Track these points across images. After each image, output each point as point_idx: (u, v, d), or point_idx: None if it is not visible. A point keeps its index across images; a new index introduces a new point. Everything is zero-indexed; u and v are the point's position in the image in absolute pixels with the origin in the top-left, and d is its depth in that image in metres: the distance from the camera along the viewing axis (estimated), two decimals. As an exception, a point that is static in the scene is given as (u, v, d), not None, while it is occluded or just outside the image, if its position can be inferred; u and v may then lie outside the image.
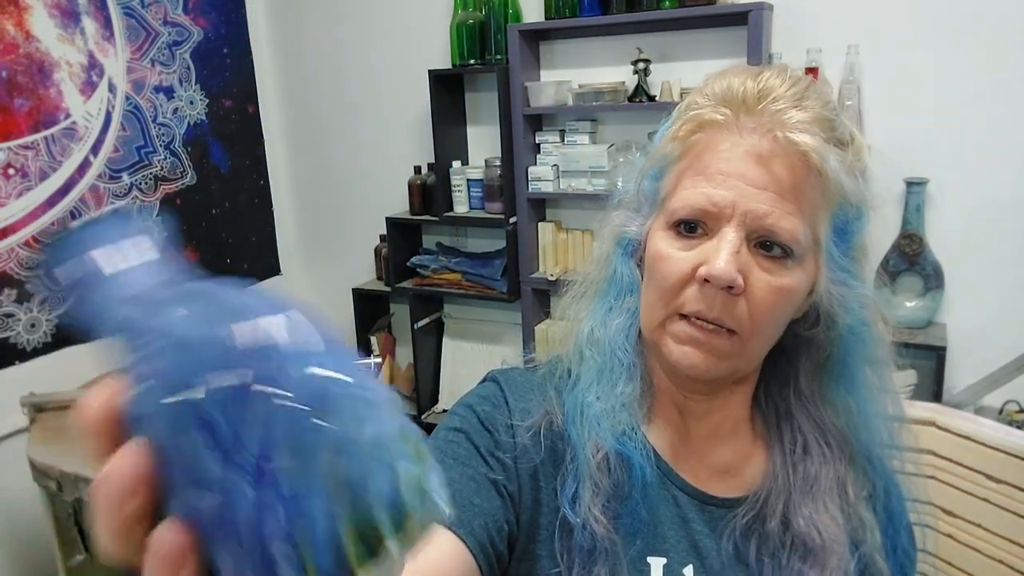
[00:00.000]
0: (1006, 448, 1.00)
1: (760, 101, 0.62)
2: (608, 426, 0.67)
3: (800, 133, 0.60)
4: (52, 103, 2.34)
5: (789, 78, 0.64)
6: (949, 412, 1.08)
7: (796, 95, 0.62)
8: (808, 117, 0.61)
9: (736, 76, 0.65)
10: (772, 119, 0.61)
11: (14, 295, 2.25)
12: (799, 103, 0.62)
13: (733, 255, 0.60)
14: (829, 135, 0.62)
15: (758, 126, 0.61)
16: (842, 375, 0.68)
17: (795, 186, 0.60)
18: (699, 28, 2.34)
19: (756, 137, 0.61)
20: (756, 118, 0.61)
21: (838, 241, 0.64)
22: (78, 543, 1.62)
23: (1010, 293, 2.12)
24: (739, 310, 0.61)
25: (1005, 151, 2.06)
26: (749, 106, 0.62)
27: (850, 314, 0.65)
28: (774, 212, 0.60)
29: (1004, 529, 1.00)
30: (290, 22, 3.08)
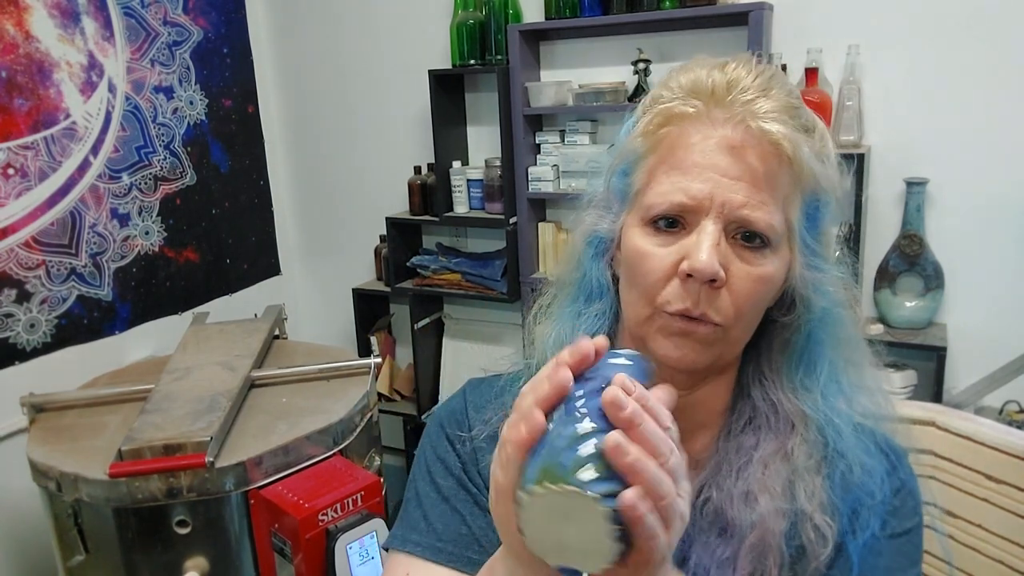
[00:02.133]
0: (1006, 448, 1.00)
1: (729, 92, 0.62)
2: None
3: (771, 122, 0.60)
4: (52, 103, 2.33)
5: (755, 68, 0.64)
6: (949, 412, 1.08)
7: (763, 84, 0.62)
8: (776, 106, 0.61)
9: (702, 68, 0.65)
10: (743, 109, 0.61)
11: (14, 295, 2.25)
12: (766, 92, 0.62)
13: (714, 248, 0.60)
14: (797, 122, 0.62)
15: (729, 116, 0.61)
16: (805, 354, 0.68)
17: (768, 175, 0.61)
18: (699, 28, 2.34)
19: (728, 128, 0.61)
20: (726, 109, 0.61)
21: (809, 227, 0.65)
22: (78, 543, 1.62)
23: (1010, 293, 2.12)
24: (722, 302, 0.62)
25: (1005, 151, 2.06)
26: (718, 97, 0.62)
27: (824, 297, 0.66)
28: (750, 202, 0.60)
29: (1004, 529, 1.00)
30: (290, 22, 3.07)
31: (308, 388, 1.88)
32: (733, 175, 0.60)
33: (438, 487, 0.75)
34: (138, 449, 1.53)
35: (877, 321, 2.22)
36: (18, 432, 2.14)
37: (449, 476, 0.75)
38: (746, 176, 0.60)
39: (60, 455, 1.62)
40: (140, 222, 2.62)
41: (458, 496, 0.74)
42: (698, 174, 0.61)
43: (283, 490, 1.57)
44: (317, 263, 3.30)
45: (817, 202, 0.65)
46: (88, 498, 1.56)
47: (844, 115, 2.14)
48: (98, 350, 2.47)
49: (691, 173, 0.61)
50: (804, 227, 0.65)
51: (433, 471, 0.77)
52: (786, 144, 0.60)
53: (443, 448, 0.77)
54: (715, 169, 0.61)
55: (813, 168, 0.62)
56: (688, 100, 0.63)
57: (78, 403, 1.87)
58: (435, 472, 0.76)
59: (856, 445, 0.67)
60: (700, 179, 0.61)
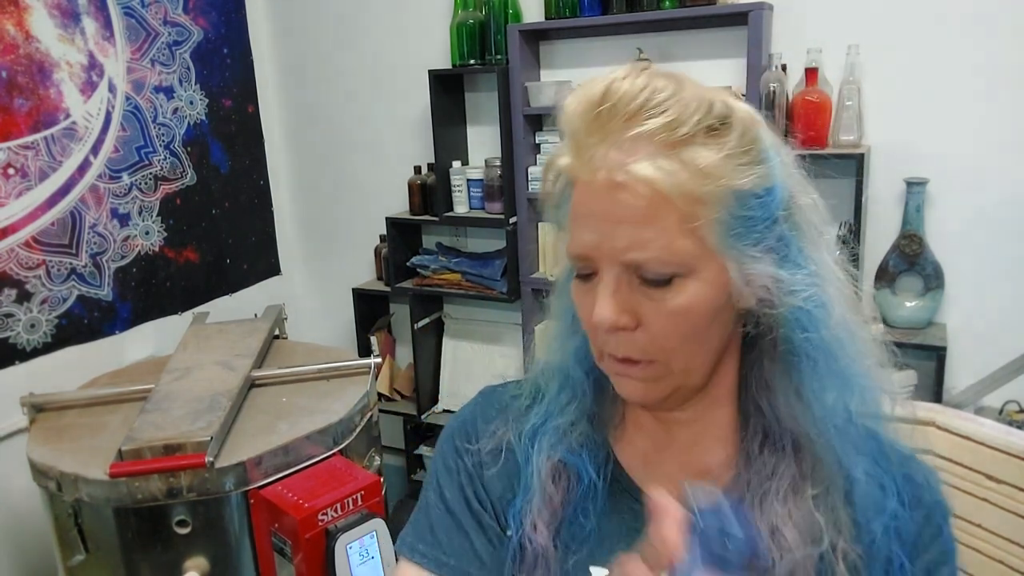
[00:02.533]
0: (1006, 448, 1.00)
1: (602, 126, 0.59)
2: (561, 440, 0.70)
3: (640, 160, 0.56)
4: (52, 103, 2.33)
5: (634, 82, 0.59)
6: (949, 412, 1.08)
7: (638, 106, 0.58)
8: (649, 130, 0.57)
9: (582, 95, 0.61)
10: (613, 152, 0.58)
11: (14, 295, 2.25)
12: (638, 115, 0.58)
13: (610, 298, 0.59)
14: (682, 135, 0.57)
15: (603, 158, 0.58)
16: (789, 362, 0.64)
17: (652, 209, 0.57)
18: (699, 28, 2.34)
19: (603, 171, 0.58)
20: (597, 149, 0.59)
21: (745, 230, 0.59)
22: (78, 543, 1.62)
23: (1010, 293, 2.12)
24: (642, 343, 0.61)
25: (1005, 151, 2.06)
26: (591, 133, 0.59)
27: (792, 296, 0.61)
28: (632, 245, 0.58)
29: (1004, 529, 1.00)
30: (290, 22, 3.07)
31: (308, 388, 1.88)
32: (614, 219, 0.58)
33: (445, 500, 0.76)
34: (138, 449, 1.53)
35: (877, 321, 2.22)
36: (18, 432, 2.14)
37: (456, 490, 0.76)
38: (627, 217, 0.58)
39: (60, 455, 1.62)
40: (140, 222, 2.62)
41: (464, 512, 0.74)
42: (586, 223, 0.60)
43: (283, 490, 1.57)
44: (317, 263, 3.30)
45: (747, 203, 0.59)
46: (88, 498, 1.56)
47: (844, 115, 2.14)
48: (98, 350, 2.47)
49: (583, 223, 0.60)
50: (735, 233, 0.59)
51: (442, 483, 0.77)
52: (659, 183, 0.56)
53: (452, 460, 0.78)
54: (599, 216, 0.59)
55: (715, 181, 0.57)
56: (566, 145, 0.62)
57: (78, 403, 1.87)
58: (443, 484, 0.77)
59: (862, 457, 0.64)
60: (589, 228, 0.60)
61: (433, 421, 2.89)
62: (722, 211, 0.58)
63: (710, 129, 0.58)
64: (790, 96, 2.19)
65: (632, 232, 0.58)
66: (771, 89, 2.14)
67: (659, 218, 0.57)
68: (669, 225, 0.57)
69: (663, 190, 0.56)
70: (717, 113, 0.59)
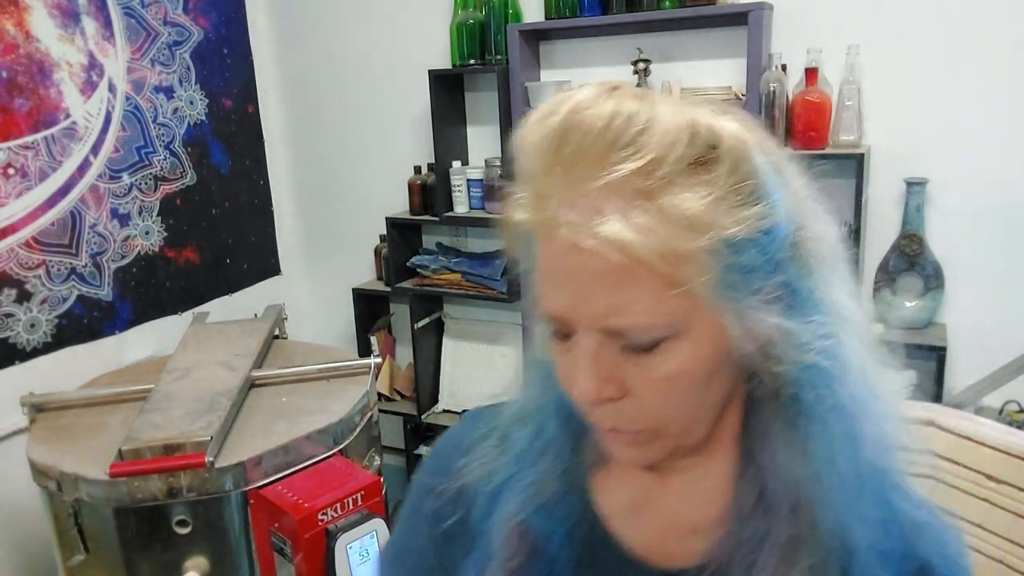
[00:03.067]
0: (1006, 448, 1.00)
1: (564, 171, 0.49)
2: (529, 499, 0.62)
3: (606, 222, 0.47)
4: (52, 103, 2.33)
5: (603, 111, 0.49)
6: (949, 412, 1.08)
7: (607, 144, 0.48)
8: (621, 177, 0.47)
9: (538, 128, 0.51)
10: (576, 203, 0.48)
11: (14, 295, 2.25)
12: (606, 156, 0.48)
13: (591, 368, 0.51)
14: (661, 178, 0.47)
15: (565, 214, 0.49)
16: (800, 423, 0.56)
17: (627, 274, 0.48)
18: (699, 28, 2.34)
19: (566, 230, 0.49)
20: (558, 202, 0.49)
21: (744, 281, 0.50)
22: (78, 543, 1.62)
23: (1010, 293, 2.12)
24: (631, 412, 0.53)
25: (1005, 151, 2.06)
26: (549, 179, 0.50)
27: (806, 350, 0.53)
28: (610, 311, 0.49)
29: (1004, 529, 1.00)
30: (290, 22, 3.07)
31: (308, 388, 1.88)
32: (587, 280, 0.49)
33: (406, 547, 0.71)
34: (138, 449, 1.53)
35: (877, 321, 2.22)
36: (18, 432, 2.14)
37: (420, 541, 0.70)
38: (601, 280, 0.49)
39: (60, 455, 1.62)
40: (140, 222, 2.62)
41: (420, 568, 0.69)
42: (556, 281, 0.51)
43: (283, 490, 1.57)
44: (317, 263, 3.30)
45: (745, 248, 0.49)
46: (88, 498, 1.56)
47: (844, 115, 2.14)
48: (98, 350, 2.47)
49: (551, 280, 0.52)
50: (732, 285, 0.50)
51: (408, 528, 0.72)
52: (634, 247, 0.47)
53: (421, 508, 0.70)
54: (570, 276, 0.50)
55: (703, 233, 0.48)
56: (525, 195, 0.52)
57: (78, 403, 1.87)
58: (409, 531, 0.71)
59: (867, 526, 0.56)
60: (559, 289, 0.51)
61: (433, 421, 2.89)
62: (714, 265, 0.49)
63: (694, 164, 0.48)
64: (790, 96, 2.19)
65: (608, 296, 0.49)
66: (771, 89, 2.14)
67: (638, 280, 0.48)
68: (651, 286, 0.48)
69: (640, 255, 0.47)
70: (702, 142, 0.49)
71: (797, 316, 0.52)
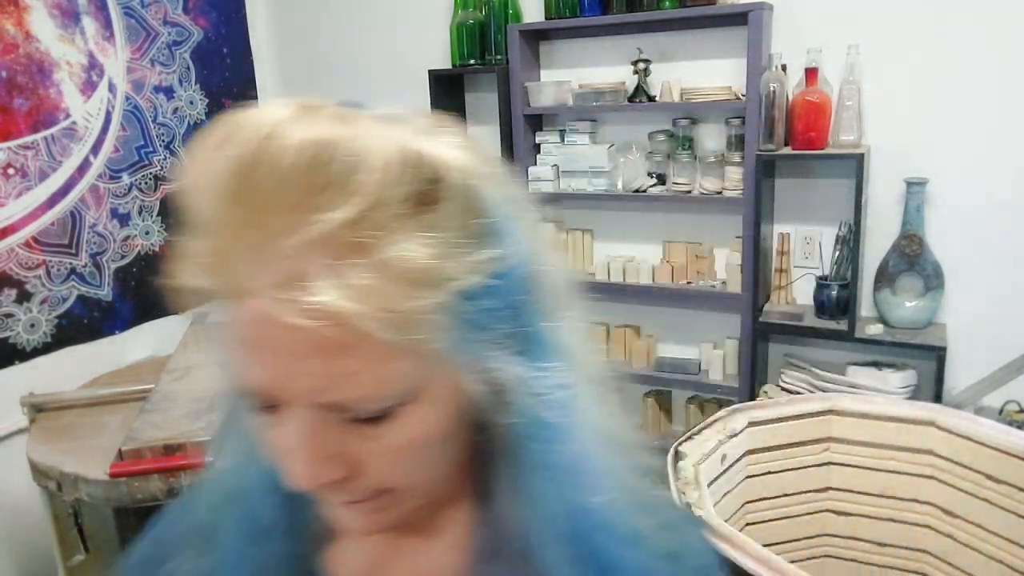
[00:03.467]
0: (1006, 448, 1.00)
1: (253, 223, 0.39)
2: None
3: (313, 290, 0.38)
4: (52, 103, 2.34)
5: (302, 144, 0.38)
6: (949, 412, 1.08)
7: (306, 187, 0.38)
8: (327, 231, 0.38)
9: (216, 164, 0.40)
10: (270, 266, 0.39)
11: (14, 295, 2.25)
12: (305, 203, 0.38)
13: (307, 451, 0.42)
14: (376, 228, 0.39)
15: (259, 280, 0.39)
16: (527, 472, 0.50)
17: (343, 341, 0.39)
18: (699, 28, 2.34)
19: (262, 301, 0.39)
20: (246, 263, 0.39)
21: (479, 331, 0.44)
22: (78, 543, 1.62)
23: (1010, 293, 2.12)
24: (364, 486, 0.45)
25: (1005, 151, 2.06)
26: (234, 232, 0.39)
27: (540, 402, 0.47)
28: (326, 385, 0.41)
29: (1004, 529, 1.00)
30: (290, 22, 3.08)
31: (308, 388, 1.88)
32: (294, 352, 0.40)
33: None
34: (138, 449, 1.53)
35: (877, 321, 2.22)
36: (18, 432, 2.14)
37: None
38: (311, 352, 0.40)
39: (60, 455, 1.62)
40: (140, 222, 2.62)
41: None
42: (255, 354, 0.42)
43: (283, 490, 1.56)
44: (317, 263, 3.30)
45: (479, 295, 0.42)
46: (88, 498, 1.56)
47: (844, 115, 2.14)
48: (98, 350, 2.47)
49: (249, 351, 0.42)
50: (466, 337, 0.43)
51: None
52: (350, 314, 0.38)
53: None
54: (271, 348, 0.41)
55: (431, 289, 0.40)
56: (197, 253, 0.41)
57: (78, 403, 1.87)
58: None
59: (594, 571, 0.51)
60: (258, 360, 0.42)
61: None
62: (448, 320, 0.42)
63: (415, 203, 0.40)
64: (790, 96, 2.19)
65: (323, 369, 0.40)
66: (771, 89, 2.14)
67: (359, 349, 0.40)
68: (375, 353, 0.40)
69: (359, 324, 0.38)
70: (421, 176, 0.41)
71: (535, 363, 0.46)
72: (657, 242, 2.57)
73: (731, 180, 2.29)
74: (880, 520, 1.17)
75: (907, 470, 1.13)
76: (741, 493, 1.31)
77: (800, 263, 2.37)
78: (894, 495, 1.11)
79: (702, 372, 2.49)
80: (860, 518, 1.22)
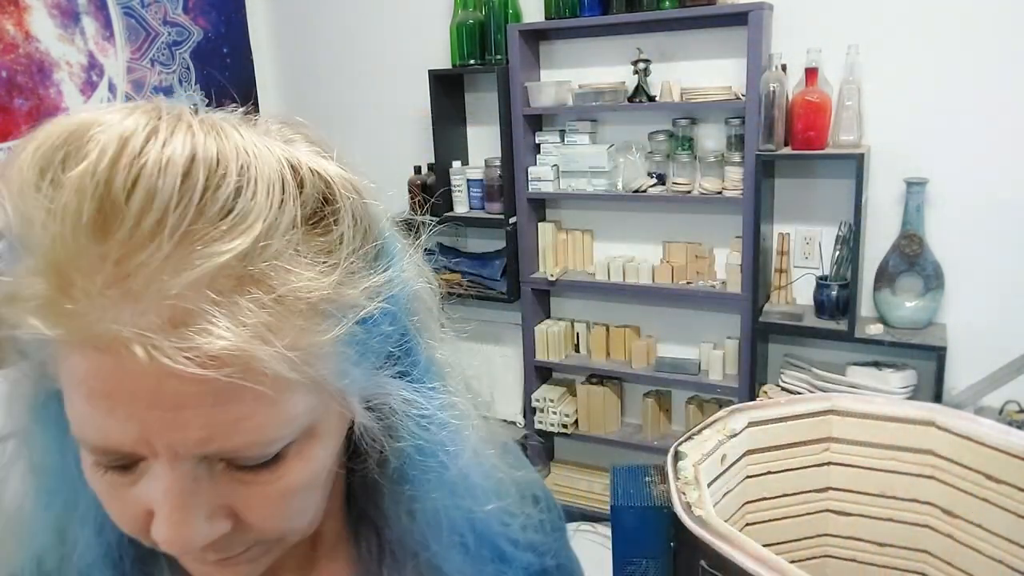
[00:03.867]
0: (1006, 448, 1.00)
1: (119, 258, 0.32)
2: None
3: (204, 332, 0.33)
4: (52, 103, 2.33)
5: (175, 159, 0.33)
6: (949, 412, 1.08)
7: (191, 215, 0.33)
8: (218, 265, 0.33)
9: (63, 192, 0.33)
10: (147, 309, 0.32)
11: (14, 295, 2.25)
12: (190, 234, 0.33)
13: (182, 510, 0.36)
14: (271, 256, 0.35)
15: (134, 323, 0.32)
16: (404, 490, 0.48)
17: (234, 385, 0.34)
18: (699, 28, 2.34)
19: (132, 346, 0.32)
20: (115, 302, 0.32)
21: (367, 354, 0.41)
22: (78, 543, 1.62)
23: (1010, 293, 2.12)
24: (243, 539, 0.40)
25: (1005, 151, 2.06)
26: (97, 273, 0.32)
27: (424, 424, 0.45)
28: (213, 436, 0.35)
29: (1004, 529, 1.00)
30: (290, 22, 3.08)
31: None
32: (173, 403, 0.34)
33: None
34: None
35: (877, 321, 2.22)
36: (18, 432, 2.14)
37: None
38: (196, 400, 0.34)
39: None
40: (140, 222, 2.62)
41: None
42: (115, 408, 0.35)
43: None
44: (317, 263, 3.30)
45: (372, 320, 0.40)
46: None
47: (844, 115, 2.14)
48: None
49: (104, 405, 0.35)
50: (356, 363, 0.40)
51: None
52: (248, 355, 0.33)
53: None
54: (141, 400, 0.34)
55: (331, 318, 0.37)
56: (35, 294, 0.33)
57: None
58: None
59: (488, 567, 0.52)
60: (121, 416, 0.35)
61: (433, 421, 2.89)
62: (345, 350, 0.39)
63: (308, 228, 0.37)
64: (790, 96, 2.19)
65: (209, 418, 0.35)
66: (771, 89, 2.14)
67: (248, 390, 0.35)
68: (267, 392, 0.35)
69: (260, 366, 0.34)
70: (311, 195, 0.37)
71: (420, 385, 0.45)
72: (657, 242, 2.57)
73: (731, 180, 2.29)
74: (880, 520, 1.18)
75: (907, 470, 1.13)
76: (741, 493, 1.31)
77: (800, 263, 2.37)
78: (894, 495, 1.11)
79: (702, 372, 2.49)
80: (860, 518, 1.23)
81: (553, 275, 2.60)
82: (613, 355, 2.63)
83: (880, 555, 1.23)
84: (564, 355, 2.69)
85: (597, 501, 2.68)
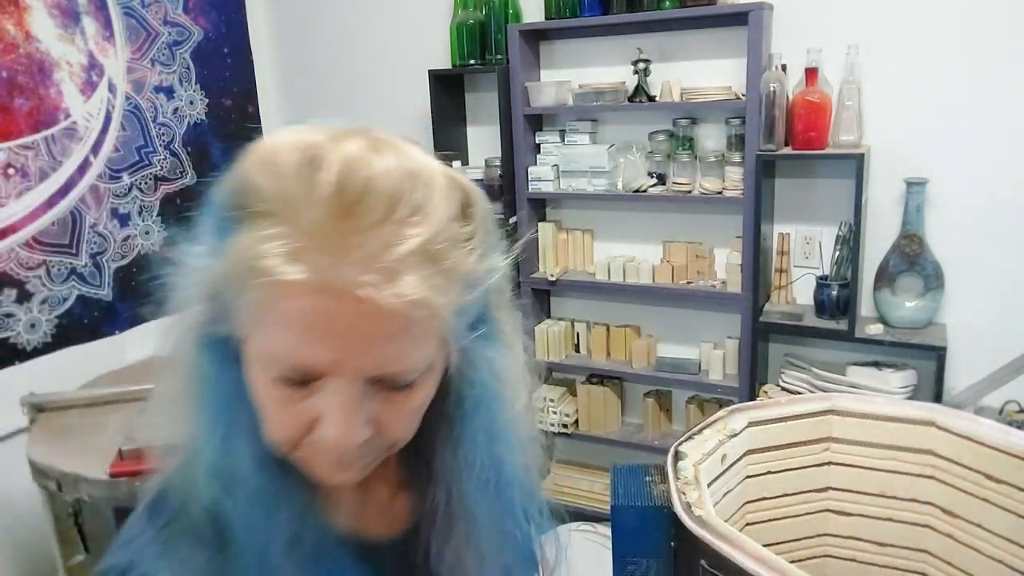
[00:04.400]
0: (1006, 448, 1.00)
1: (357, 236, 0.48)
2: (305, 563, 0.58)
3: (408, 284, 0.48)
4: (52, 103, 2.34)
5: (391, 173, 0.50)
6: (949, 412, 1.08)
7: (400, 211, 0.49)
8: (416, 244, 0.49)
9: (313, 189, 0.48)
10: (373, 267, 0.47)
11: (14, 295, 2.25)
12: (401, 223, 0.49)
13: (350, 416, 0.51)
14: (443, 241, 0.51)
15: (359, 277, 0.47)
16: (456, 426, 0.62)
17: (413, 326, 0.50)
18: (699, 28, 2.34)
19: (358, 291, 0.47)
20: (351, 265, 0.47)
21: (468, 315, 0.55)
22: (78, 543, 1.62)
23: (1010, 293, 2.12)
24: (376, 445, 0.55)
25: (1005, 151, 2.06)
26: (341, 244, 0.48)
27: (497, 378, 0.60)
28: (388, 361, 0.51)
29: (1004, 529, 1.00)
30: (290, 22, 3.08)
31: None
32: (364, 336, 0.49)
33: None
34: (138, 449, 1.53)
35: (877, 321, 2.22)
36: (18, 432, 2.14)
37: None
38: (384, 334, 0.49)
39: (60, 455, 1.63)
40: (140, 222, 2.62)
41: None
42: (314, 336, 0.48)
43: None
44: (317, 263, 3.30)
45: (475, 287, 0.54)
46: (88, 498, 1.56)
47: (844, 115, 2.14)
48: (98, 350, 2.47)
49: (307, 335, 0.48)
50: (463, 321, 0.55)
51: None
52: (433, 304, 0.49)
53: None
54: (337, 332, 0.48)
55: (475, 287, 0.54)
56: (295, 263, 0.47)
57: (78, 403, 1.87)
58: None
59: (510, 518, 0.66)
60: (317, 342, 0.48)
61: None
62: (468, 309, 0.54)
63: (460, 221, 0.53)
64: (790, 96, 2.19)
65: (388, 348, 0.50)
66: (771, 89, 2.14)
67: (417, 331, 0.50)
68: (426, 334, 0.51)
69: (439, 313, 0.50)
70: (459, 200, 0.54)
71: (496, 346, 0.60)
72: (657, 242, 2.57)
73: (731, 180, 2.29)
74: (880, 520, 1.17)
75: (907, 470, 1.13)
76: (741, 493, 1.31)
77: (800, 263, 2.37)
78: (894, 495, 1.11)
79: (702, 372, 2.49)
80: (860, 518, 1.22)
81: (553, 275, 2.60)
82: (613, 355, 2.63)
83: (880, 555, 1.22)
84: (564, 355, 2.69)
85: (597, 501, 2.68)
